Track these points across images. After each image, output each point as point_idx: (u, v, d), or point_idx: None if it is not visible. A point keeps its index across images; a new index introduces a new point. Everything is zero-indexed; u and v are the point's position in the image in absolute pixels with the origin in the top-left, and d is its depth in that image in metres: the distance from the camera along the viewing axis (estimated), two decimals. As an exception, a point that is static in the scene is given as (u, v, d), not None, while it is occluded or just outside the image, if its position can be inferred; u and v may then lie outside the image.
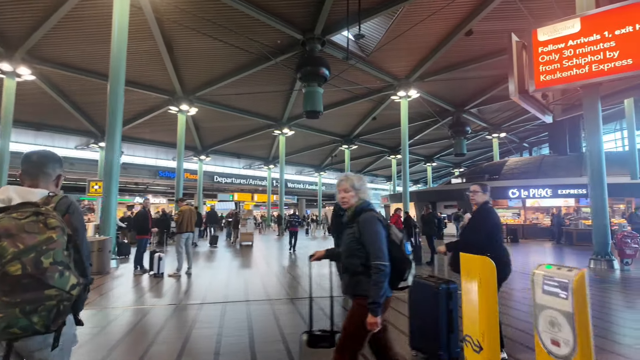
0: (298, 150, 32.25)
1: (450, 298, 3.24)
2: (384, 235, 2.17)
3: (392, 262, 2.13)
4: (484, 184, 3.53)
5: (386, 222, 2.27)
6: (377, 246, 2.12)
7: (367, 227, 2.19)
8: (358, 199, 2.39)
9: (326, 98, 20.48)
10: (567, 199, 20.16)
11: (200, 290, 6.42)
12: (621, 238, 8.33)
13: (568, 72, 8.59)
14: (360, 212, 2.29)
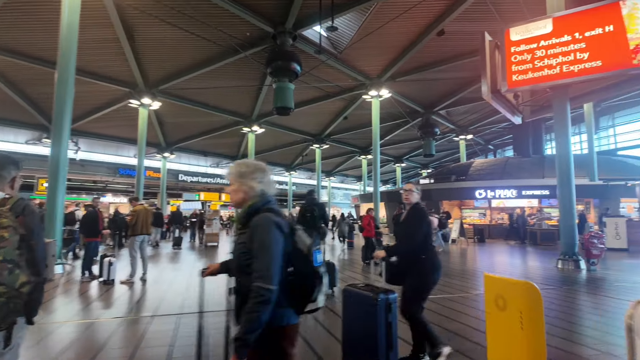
0: (268, 148, 31.51)
1: (390, 310, 2.85)
2: (278, 246, 1.60)
3: (296, 277, 1.62)
4: (418, 184, 3.44)
5: (292, 225, 1.73)
6: (264, 261, 1.55)
7: (257, 234, 1.60)
8: (249, 193, 1.75)
9: (298, 95, 19.99)
10: (530, 199, 20.74)
11: (154, 300, 5.77)
12: (588, 238, 8.41)
13: (540, 72, 8.59)
14: (253, 214, 1.67)
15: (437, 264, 3.17)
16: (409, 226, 3.21)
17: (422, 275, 3.10)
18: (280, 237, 1.62)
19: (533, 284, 2.09)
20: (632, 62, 7.64)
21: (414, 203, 3.31)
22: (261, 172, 1.81)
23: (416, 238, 3.10)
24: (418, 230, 3.12)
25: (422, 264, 3.10)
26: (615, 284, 6.83)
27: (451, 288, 6.44)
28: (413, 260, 3.11)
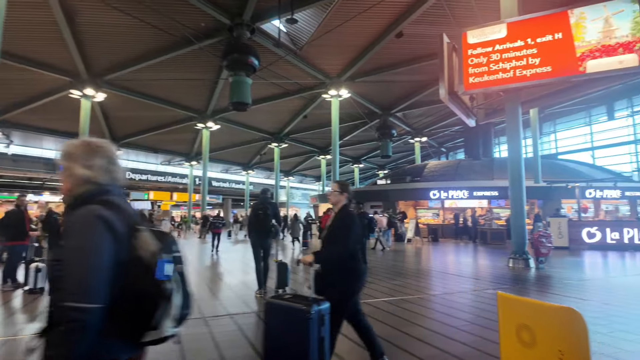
0: (224, 146, 30.50)
1: (323, 323, 2.49)
2: (103, 251, 1.15)
3: (130, 295, 1.17)
4: (345, 184, 3.08)
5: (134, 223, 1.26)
6: (77, 271, 1.12)
7: (71, 234, 1.18)
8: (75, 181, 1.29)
9: (256, 92, 19.40)
10: (481, 200, 21.62)
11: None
12: (537, 237, 8.73)
13: (495, 75, 8.79)
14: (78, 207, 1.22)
15: (362, 271, 2.90)
16: (336, 231, 2.88)
17: (346, 284, 2.82)
18: (108, 238, 1.17)
19: (575, 309, 1.62)
20: (578, 69, 8.00)
21: (342, 206, 2.98)
22: (90, 153, 1.31)
23: (344, 244, 2.77)
24: (347, 236, 2.79)
25: (348, 272, 2.82)
26: (564, 282, 7.07)
27: (408, 289, 6.34)
28: (339, 268, 2.82)
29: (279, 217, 6.27)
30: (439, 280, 7.29)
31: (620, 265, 9.59)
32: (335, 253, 2.82)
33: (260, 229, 5.96)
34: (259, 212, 5.99)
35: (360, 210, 9.35)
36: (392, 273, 8.10)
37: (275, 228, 6.01)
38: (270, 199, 6.23)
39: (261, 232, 5.97)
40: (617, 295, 5.85)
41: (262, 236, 5.97)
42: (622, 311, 4.84)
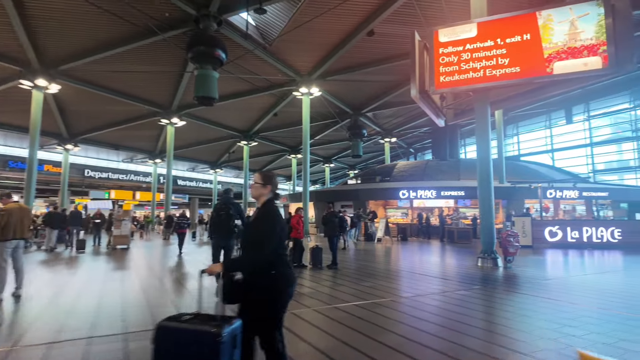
0: (191, 143, 29.46)
1: (235, 345, 2.06)
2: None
3: None
4: (269, 175, 2.61)
5: None
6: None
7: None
8: None
9: (224, 87, 18.77)
10: (448, 200, 22.01)
11: (23, 323, 4.52)
12: (505, 237, 8.80)
13: (465, 74, 8.78)
14: None
15: (290, 278, 2.45)
16: (256, 233, 2.43)
17: (272, 296, 2.34)
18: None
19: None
20: (546, 70, 8.11)
21: (265, 201, 2.53)
22: None
23: (266, 247, 2.33)
24: (269, 237, 2.35)
25: (273, 281, 2.36)
26: (532, 281, 7.11)
27: (380, 291, 6.13)
28: (260, 276, 2.35)
29: (243, 216, 6.17)
30: (410, 281, 7.14)
31: (582, 264, 9.87)
32: (254, 259, 2.34)
33: (222, 230, 5.86)
34: (220, 213, 5.89)
35: (330, 210, 9.07)
36: (364, 274, 7.88)
37: (238, 228, 5.90)
38: (232, 199, 6.15)
39: (223, 232, 5.86)
40: (582, 295, 5.89)
41: (224, 237, 5.87)
42: (592, 312, 4.83)
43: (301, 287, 6.48)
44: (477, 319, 4.57)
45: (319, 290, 6.24)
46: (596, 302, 5.33)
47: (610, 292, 6.14)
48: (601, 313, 4.75)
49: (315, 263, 8.84)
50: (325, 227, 8.95)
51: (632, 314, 4.69)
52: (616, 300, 5.52)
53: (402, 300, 5.46)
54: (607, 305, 5.18)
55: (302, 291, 6.15)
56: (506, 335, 3.89)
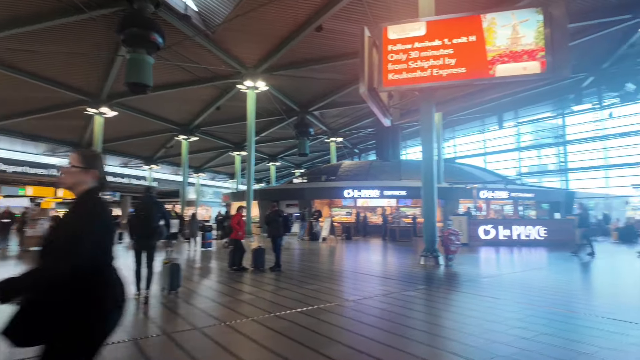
0: (123, 136, 27.15)
1: None
2: None
3: None
4: (93, 155, 1.93)
5: None
6: None
7: None
8: None
9: (161, 76, 17.41)
10: (390, 199, 22.45)
11: None
12: (447, 235, 8.91)
13: (413, 73, 8.73)
14: None
15: (116, 300, 1.74)
16: (65, 232, 1.67)
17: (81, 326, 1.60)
18: None
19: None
20: (489, 72, 8.30)
21: (85, 191, 1.79)
22: None
23: (74, 253, 1.58)
24: (81, 240, 1.60)
25: (86, 303, 1.62)
26: (474, 280, 7.19)
27: (325, 294, 5.75)
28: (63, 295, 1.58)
29: (167, 217, 5.83)
30: (356, 283, 6.86)
31: (515, 261, 10.33)
32: (52, 272, 1.55)
33: (143, 231, 5.50)
34: (140, 213, 5.57)
35: (274, 208, 8.54)
36: (308, 276, 7.47)
37: (160, 229, 5.58)
38: (155, 198, 5.81)
39: (144, 234, 5.51)
40: (524, 292, 5.99)
41: (145, 239, 5.52)
42: (537, 310, 4.85)
43: (240, 294, 5.90)
44: (425, 323, 4.36)
45: (259, 296, 5.70)
46: (540, 301, 5.41)
47: (549, 288, 6.34)
48: (548, 313, 4.77)
49: (257, 265, 8.26)
50: (269, 227, 8.39)
51: (571, 311, 4.77)
52: (559, 297, 5.66)
53: (348, 304, 5.12)
54: (545, 302, 5.26)
55: (241, 298, 5.58)
56: (457, 341, 3.68)
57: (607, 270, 8.94)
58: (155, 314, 4.88)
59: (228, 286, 6.51)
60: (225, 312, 4.77)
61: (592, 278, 7.93)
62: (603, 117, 24.62)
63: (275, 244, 8.23)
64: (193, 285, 6.61)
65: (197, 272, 8.33)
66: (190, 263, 9.95)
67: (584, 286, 7.06)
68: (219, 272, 8.14)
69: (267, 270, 8.17)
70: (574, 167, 26.90)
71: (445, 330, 4.10)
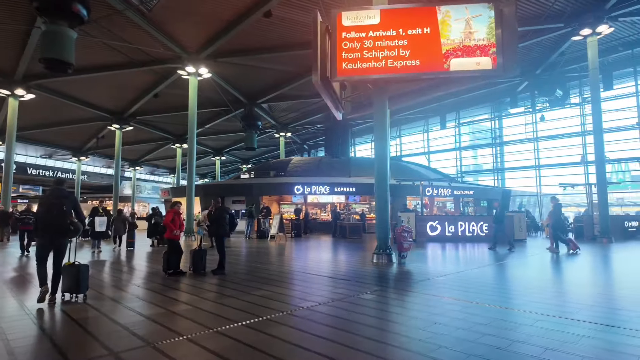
0: (46, 124, 24.19)
1: None
2: None
3: None
4: None
5: None
6: None
7: None
8: None
9: (90, 57, 15.62)
10: (339, 196, 22.26)
11: None
12: (400, 232, 8.68)
13: (367, 63, 8.33)
14: None
15: None
16: None
17: None
18: None
19: None
20: (443, 65, 8.14)
21: None
22: None
23: None
24: None
25: None
26: (430, 278, 6.97)
27: (274, 301, 5.14)
28: None
29: (80, 213, 5.29)
30: (308, 286, 6.31)
31: (464, 258, 10.42)
32: None
33: (52, 228, 4.95)
34: (50, 208, 4.95)
35: (218, 204, 7.72)
36: (255, 280, 6.79)
37: (75, 226, 5.07)
38: (66, 191, 5.30)
39: (53, 230, 4.97)
40: (482, 292, 5.82)
41: (54, 236, 4.99)
42: (503, 313, 4.62)
43: (174, 304, 5.08)
44: (383, 332, 3.92)
45: (198, 306, 4.93)
46: (501, 301, 5.23)
47: (505, 287, 6.26)
48: (517, 315, 4.55)
49: (196, 268, 7.40)
50: (213, 226, 7.53)
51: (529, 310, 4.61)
52: (518, 295, 5.54)
53: (300, 313, 4.54)
54: (508, 302, 5.10)
55: (176, 309, 4.77)
56: (426, 355, 3.26)
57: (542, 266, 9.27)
58: (61, 330, 3.95)
59: (160, 294, 5.63)
60: (153, 329, 3.96)
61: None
62: (535, 120, 26.44)
63: (219, 243, 7.42)
64: (117, 294, 5.64)
65: (123, 277, 7.27)
66: (115, 266, 8.76)
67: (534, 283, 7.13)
68: (150, 277, 7.15)
69: (208, 273, 7.35)
70: (510, 167, 28.70)
71: (408, 341, 3.67)
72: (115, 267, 8.62)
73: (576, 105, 24.52)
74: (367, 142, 38.60)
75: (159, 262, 7.68)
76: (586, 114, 24.18)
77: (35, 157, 32.60)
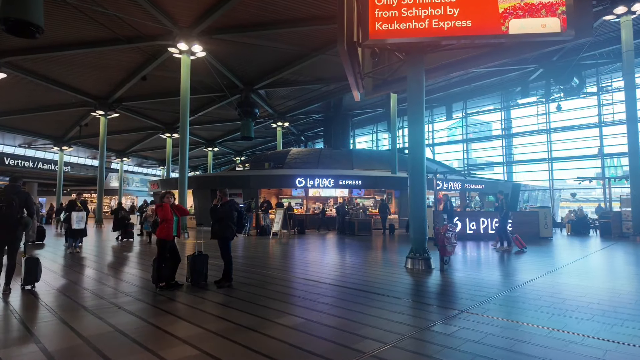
0: (21, 109, 22.10)
1: None
2: None
3: None
4: None
5: None
6: None
7: None
8: None
9: (68, 31, 13.74)
10: (342, 189, 20.73)
11: None
12: (444, 232, 7.13)
13: (407, 23, 6.74)
14: None
15: None
16: None
17: None
18: None
19: None
20: (500, 28, 6.60)
21: None
22: None
23: None
24: None
25: None
26: (512, 294, 5.47)
27: (309, 337, 3.60)
28: None
29: (31, 208, 5.43)
30: (345, 306, 4.76)
31: (515, 261, 8.97)
32: None
33: (4, 223, 5.13)
34: (0, 205, 5.12)
35: (225, 197, 6.07)
36: (271, 297, 5.23)
37: (24, 220, 5.27)
38: (20, 187, 5.49)
39: (5, 226, 5.15)
40: (596, 318, 4.33)
41: (6, 231, 5.18)
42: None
43: (169, 342, 3.48)
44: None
45: (202, 348, 3.34)
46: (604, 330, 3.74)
47: (616, 307, 4.80)
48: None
49: (195, 279, 5.80)
50: (217, 225, 5.88)
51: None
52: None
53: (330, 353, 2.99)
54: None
55: (171, 356, 3.17)
56: None
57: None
58: None
59: (148, 324, 4.01)
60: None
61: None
62: (548, 111, 25.13)
63: (224, 248, 5.81)
64: (87, 324, 4.01)
65: (104, 290, 5.62)
66: (94, 272, 7.07)
67: None
68: (136, 292, 5.52)
69: (210, 285, 5.75)
70: (519, 160, 27.43)
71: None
72: (94, 274, 6.95)
73: (593, 94, 23.25)
74: (367, 134, 37.13)
75: (142, 267, 6.05)
76: (603, 104, 22.96)
77: (13, 146, 30.35)
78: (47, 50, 15.11)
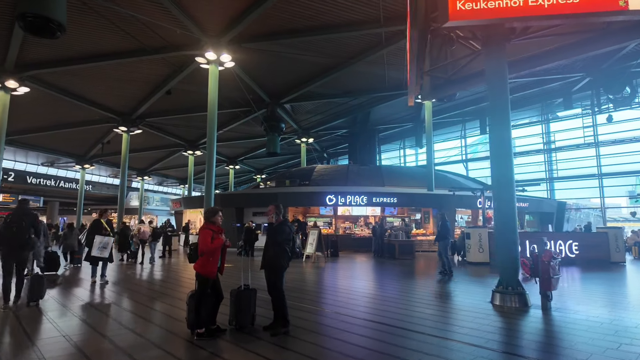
0: (44, 126, 21.68)
1: None
2: None
3: None
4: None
5: None
6: None
7: None
8: None
9: (94, 40, 13.07)
10: (375, 207, 19.26)
11: None
12: (546, 261, 5.61)
13: (496, 1, 5.47)
14: None
15: None
16: None
17: None
18: None
19: None
20: (617, 3, 5.25)
21: None
22: None
23: None
24: None
25: None
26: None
27: None
28: None
29: (38, 229, 5.82)
30: (421, 358, 3.30)
31: (617, 292, 7.31)
32: None
33: (13, 242, 5.51)
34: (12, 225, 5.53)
35: (279, 213, 4.74)
36: (344, 353, 3.81)
37: (32, 240, 5.63)
38: (28, 209, 5.91)
39: (15, 245, 5.52)
40: None
41: (16, 249, 5.54)
42: None
43: None
44: None
45: None
46: None
47: None
48: None
49: (241, 323, 4.44)
50: (271, 251, 4.52)
51: None
52: None
53: None
54: None
55: None
56: None
57: None
58: None
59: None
60: None
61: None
62: (595, 123, 23.30)
63: (280, 280, 4.45)
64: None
65: (121, 349, 4.29)
66: (113, 309, 5.77)
67: None
68: (168, 341, 4.18)
69: (258, 331, 4.38)
70: (563, 176, 25.43)
71: None
72: (116, 313, 5.68)
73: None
74: (393, 149, 35.74)
75: (173, 302, 4.71)
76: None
77: (35, 164, 30.17)
78: (71, 63, 14.49)
